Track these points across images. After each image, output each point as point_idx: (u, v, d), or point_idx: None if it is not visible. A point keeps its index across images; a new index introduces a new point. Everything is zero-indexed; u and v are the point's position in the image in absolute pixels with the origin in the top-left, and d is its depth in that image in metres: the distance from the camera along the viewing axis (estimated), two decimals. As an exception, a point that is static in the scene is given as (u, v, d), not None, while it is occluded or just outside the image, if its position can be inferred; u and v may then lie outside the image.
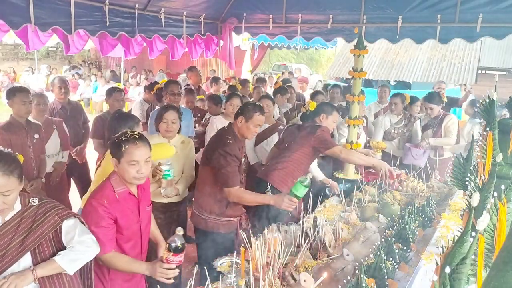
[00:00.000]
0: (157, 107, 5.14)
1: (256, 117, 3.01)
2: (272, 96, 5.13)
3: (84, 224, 2.01)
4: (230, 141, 2.94)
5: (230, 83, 7.15)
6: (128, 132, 2.18)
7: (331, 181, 4.00)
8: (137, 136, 2.16)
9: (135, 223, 2.24)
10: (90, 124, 4.90)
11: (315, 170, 4.01)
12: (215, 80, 7.05)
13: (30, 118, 3.88)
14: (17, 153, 1.93)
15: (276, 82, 6.33)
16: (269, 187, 3.44)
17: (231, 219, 3.05)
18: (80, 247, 1.93)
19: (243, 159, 3.27)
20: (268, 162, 3.76)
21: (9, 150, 1.87)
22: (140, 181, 2.19)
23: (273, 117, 4.83)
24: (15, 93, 3.57)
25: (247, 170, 4.09)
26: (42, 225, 1.89)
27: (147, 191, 2.36)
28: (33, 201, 1.92)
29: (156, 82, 5.76)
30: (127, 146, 2.11)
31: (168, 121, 3.22)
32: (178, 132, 3.37)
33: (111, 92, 4.48)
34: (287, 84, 6.77)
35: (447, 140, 4.67)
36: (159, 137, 3.27)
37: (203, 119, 5.26)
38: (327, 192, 3.88)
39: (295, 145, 3.52)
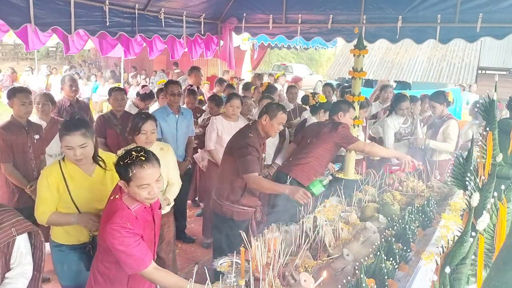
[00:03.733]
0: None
1: (280, 115, 3.23)
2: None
3: (38, 237, 1.95)
4: (251, 135, 3.20)
5: (231, 82, 7.14)
6: (133, 153, 2.03)
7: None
8: (144, 158, 2.01)
9: (151, 231, 2.22)
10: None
11: None
12: (221, 81, 7.03)
13: (36, 118, 3.91)
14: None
15: (262, 84, 6.31)
16: (289, 180, 3.61)
17: (245, 208, 3.26)
18: (21, 282, 1.85)
19: (263, 155, 3.51)
20: (289, 158, 3.94)
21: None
22: (153, 200, 2.12)
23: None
24: (15, 93, 3.57)
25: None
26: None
27: None
28: None
29: (152, 93, 5.63)
30: (134, 171, 1.99)
31: (147, 132, 3.01)
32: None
33: (111, 91, 4.49)
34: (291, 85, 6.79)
35: (446, 145, 4.56)
36: None
37: (201, 120, 5.24)
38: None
39: (318, 141, 3.74)
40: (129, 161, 2.01)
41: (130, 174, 1.99)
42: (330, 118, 3.96)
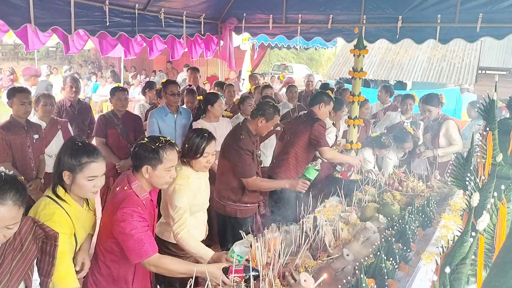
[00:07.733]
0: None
1: (276, 118, 3.34)
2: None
3: (50, 242, 1.79)
4: (243, 136, 3.24)
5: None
6: (161, 138, 2.12)
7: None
8: (172, 142, 2.16)
9: (151, 226, 2.24)
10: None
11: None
12: (220, 85, 6.98)
13: (36, 118, 3.89)
14: (22, 177, 1.66)
15: (260, 86, 6.31)
16: None
17: (248, 205, 3.32)
18: None
19: (258, 152, 3.58)
20: (273, 159, 3.98)
21: (14, 173, 1.63)
22: (167, 185, 2.20)
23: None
24: (15, 93, 3.57)
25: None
26: (31, 246, 1.69)
27: (156, 190, 2.30)
28: None
29: (151, 81, 5.77)
30: (168, 153, 2.08)
31: (209, 155, 2.62)
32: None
33: (114, 91, 4.48)
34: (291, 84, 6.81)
35: (454, 148, 4.47)
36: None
37: None
38: (336, 169, 4.09)
39: (295, 139, 3.75)
40: (160, 145, 2.07)
41: (164, 156, 2.07)
42: (310, 108, 3.91)
